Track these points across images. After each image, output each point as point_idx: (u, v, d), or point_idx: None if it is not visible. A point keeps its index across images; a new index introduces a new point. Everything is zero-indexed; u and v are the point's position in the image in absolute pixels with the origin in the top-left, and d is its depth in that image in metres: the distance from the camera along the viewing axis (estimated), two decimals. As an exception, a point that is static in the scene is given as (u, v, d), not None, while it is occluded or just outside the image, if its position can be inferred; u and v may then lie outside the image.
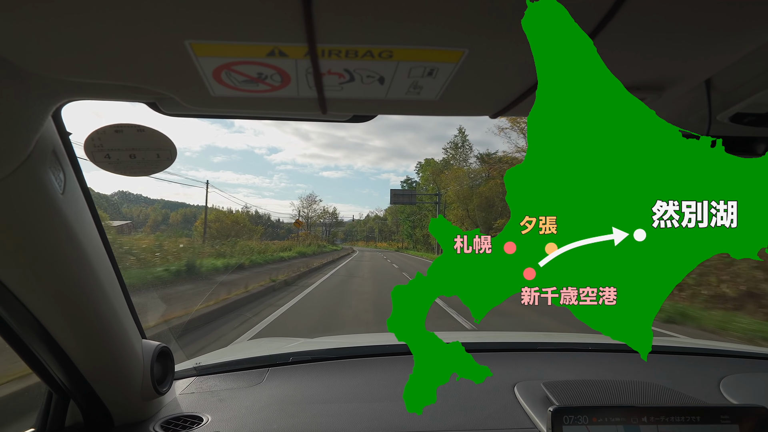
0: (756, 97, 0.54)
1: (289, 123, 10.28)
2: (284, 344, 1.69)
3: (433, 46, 0.39)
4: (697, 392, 1.06)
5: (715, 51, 0.41)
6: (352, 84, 0.46)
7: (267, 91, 0.47)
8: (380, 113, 0.58)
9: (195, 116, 0.66)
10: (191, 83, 0.46)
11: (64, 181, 0.64)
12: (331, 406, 1.03)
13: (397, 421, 0.95)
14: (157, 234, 18.62)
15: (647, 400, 0.95)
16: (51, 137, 0.61)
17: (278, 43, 0.38)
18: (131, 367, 0.85)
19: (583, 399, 0.94)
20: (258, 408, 1.02)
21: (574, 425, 0.75)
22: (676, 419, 0.76)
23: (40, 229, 0.60)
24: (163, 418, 0.96)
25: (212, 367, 1.27)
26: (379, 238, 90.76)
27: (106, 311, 0.76)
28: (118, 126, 0.63)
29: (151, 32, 0.36)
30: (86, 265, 0.69)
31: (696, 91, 0.55)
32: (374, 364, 1.32)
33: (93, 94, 0.55)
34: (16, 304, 0.65)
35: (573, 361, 1.40)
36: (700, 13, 0.36)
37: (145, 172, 0.67)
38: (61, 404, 0.85)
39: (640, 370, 1.31)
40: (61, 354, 0.74)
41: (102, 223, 0.77)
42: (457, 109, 0.55)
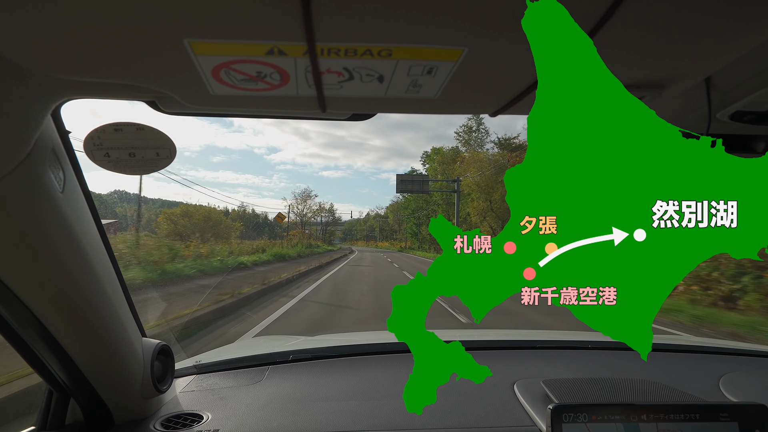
0: (755, 96, 0.54)
1: (288, 122, 10.08)
2: (284, 342, 1.69)
3: (432, 44, 0.39)
4: (696, 390, 1.07)
5: (714, 49, 0.41)
6: (352, 82, 0.45)
7: (266, 89, 0.47)
8: (380, 111, 0.58)
9: (194, 115, 0.66)
10: (190, 82, 0.45)
11: (63, 179, 0.64)
12: (331, 404, 1.03)
13: (397, 419, 0.96)
14: (125, 234, 15.84)
15: (647, 397, 0.96)
16: (50, 136, 0.61)
17: (277, 42, 0.38)
18: (131, 366, 0.86)
19: (583, 397, 0.95)
20: (258, 406, 1.02)
21: (573, 423, 0.75)
22: (676, 417, 0.76)
23: (39, 228, 0.60)
24: (163, 416, 0.96)
25: (212, 365, 1.27)
26: (380, 237, 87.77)
27: (106, 309, 0.76)
28: (117, 125, 0.63)
29: (151, 31, 0.36)
30: (86, 263, 0.69)
31: (695, 90, 0.55)
32: (374, 362, 1.32)
33: (92, 93, 0.54)
34: (16, 302, 0.65)
35: (572, 358, 1.40)
36: (699, 11, 0.35)
37: (144, 170, 0.66)
38: (62, 402, 0.85)
39: (640, 367, 1.31)
40: (61, 352, 0.75)
41: (101, 222, 0.77)
42: (456, 108, 0.55)
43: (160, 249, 11.95)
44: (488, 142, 35.55)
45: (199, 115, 0.67)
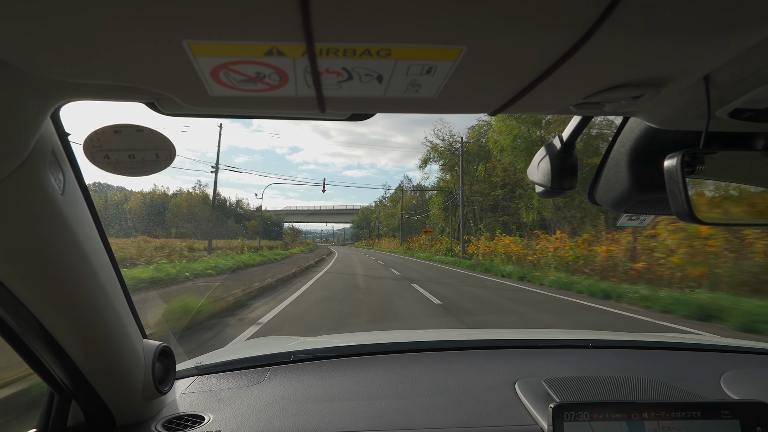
0: (755, 93, 0.54)
1: (307, 120, 9.98)
2: (285, 343, 1.69)
3: (430, 44, 0.39)
4: (697, 388, 1.07)
5: (714, 47, 0.41)
6: (351, 82, 0.45)
7: (266, 90, 0.47)
8: (379, 111, 0.58)
9: (194, 116, 0.66)
10: (189, 83, 0.45)
11: (63, 181, 0.64)
12: (332, 405, 1.03)
13: (398, 419, 0.96)
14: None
15: (648, 395, 0.95)
16: (50, 138, 0.61)
17: (276, 42, 0.38)
18: (133, 367, 0.86)
19: (584, 395, 0.95)
20: (260, 407, 1.02)
21: (575, 421, 0.75)
22: (677, 415, 0.76)
23: (40, 230, 0.60)
24: (164, 417, 0.96)
25: (213, 367, 1.27)
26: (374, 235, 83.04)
27: (107, 311, 0.76)
28: (117, 126, 0.63)
29: (150, 33, 0.36)
30: (86, 265, 0.69)
31: (695, 87, 0.54)
32: (375, 363, 1.32)
33: (91, 95, 0.54)
34: (16, 304, 0.65)
35: (573, 357, 1.40)
36: (698, 9, 0.35)
37: (144, 172, 0.66)
38: (63, 404, 0.85)
39: (641, 366, 1.31)
40: (62, 354, 0.75)
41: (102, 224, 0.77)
42: (455, 107, 0.55)
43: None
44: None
45: (199, 117, 0.67)
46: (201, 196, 44.14)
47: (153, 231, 25.62)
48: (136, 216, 21.49)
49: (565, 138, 0.82)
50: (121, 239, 17.06)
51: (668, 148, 0.61)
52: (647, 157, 0.78)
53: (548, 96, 0.50)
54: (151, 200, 43.61)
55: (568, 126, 0.82)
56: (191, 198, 43.90)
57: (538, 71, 0.43)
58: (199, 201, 42.08)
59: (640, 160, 0.79)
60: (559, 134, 0.84)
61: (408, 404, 1.03)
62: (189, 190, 46.38)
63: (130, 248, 15.69)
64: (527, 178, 0.94)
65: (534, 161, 0.89)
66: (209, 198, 40.61)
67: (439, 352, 1.43)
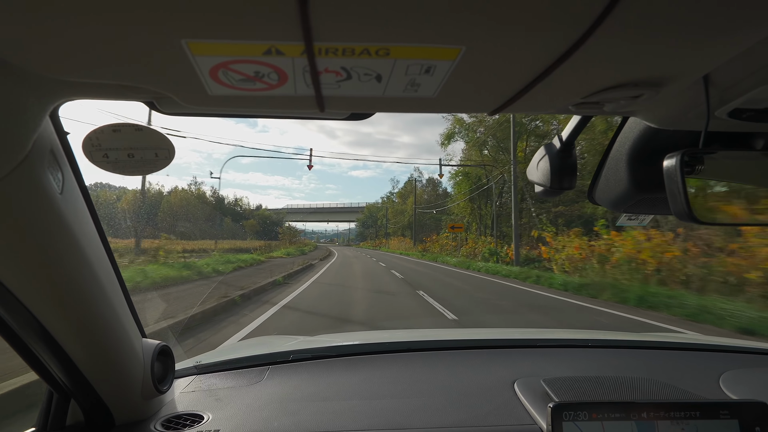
0: (754, 93, 0.54)
1: (313, 120, 9.84)
2: (284, 342, 1.69)
3: (429, 43, 0.39)
4: (696, 387, 1.07)
5: (713, 47, 0.41)
6: (350, 82, 0.45)
7: (264, 89, 0.47)
8: (378, 111, 0.58)
9: (193, 115, 0.66)
10: (188, 82, 0.45)
11: (62, 180, 0.64)
12: (331, 404, 1.03)
13: (397, 418, 0.96)
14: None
15: (647, 395, 0.96)
16: (49, 137, 0.61)
17: (275, 42, 0.38)
18: (132, 366, 0.86)
19: (583, 395, 0.95)
20: (259, 406, 1.02)
21: (573, 421, 0.75)
22: (676, 414, 0.76)
23: (39, 229, 0.60)
24: (163, 416, 0.96)
25: (213, 366, 1.27)
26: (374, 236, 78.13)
27: (106, 310, 0.76)
28: (116, 125, 0.63)
29: (149, 32, 0.36)
30: (85, 264, 0.69)
31: (694, 87, 0.54)
32: (375, 362, 1.32)
33: (90, 94, 0.54)
34: (15, 303, 0.65)
35: (572, 357, 1.40)
36: (698, 9, 0.35)
37: (143, 171, 0.66)
38: (62, 403, 0.85)
39: (640, 365, 1.32)
40: (61, 353, 0.75)
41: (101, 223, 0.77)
42: (454, 107, 0.55)
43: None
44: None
45: (198, 116, 0.67)
46: (197, 193, 43.71)
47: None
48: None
49: (565, 138, 0.82)
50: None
51: (667, 147, 0.61)
52: (646, 157, 0.78)
53: (547, 96, 0.50)
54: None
55: (568, 126, 0.82)
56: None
57: (537, 71, 0.43)
58: (195, 198, 41.70)
59: (639, 159, 0.79)
60: (559, 134, 0.84)
61: (407, 404, 1.03)
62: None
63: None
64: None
65: (533, 161, 0.89)
66: (205, 196, 40.10)
67: (438, 351, 1.43)
